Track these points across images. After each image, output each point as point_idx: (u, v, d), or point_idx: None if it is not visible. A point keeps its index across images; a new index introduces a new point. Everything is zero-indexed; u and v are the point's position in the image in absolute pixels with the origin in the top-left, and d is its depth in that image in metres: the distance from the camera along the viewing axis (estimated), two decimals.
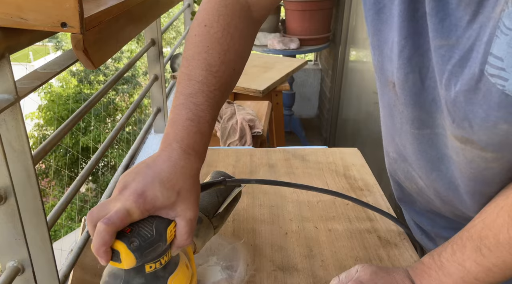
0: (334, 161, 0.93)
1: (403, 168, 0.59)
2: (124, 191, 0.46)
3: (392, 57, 0.48)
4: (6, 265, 0.69)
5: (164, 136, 0.53)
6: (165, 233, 0.46)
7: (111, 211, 0.44)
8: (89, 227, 0.46)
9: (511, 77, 0.34)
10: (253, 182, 0.69)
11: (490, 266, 0.43)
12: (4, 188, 0.65)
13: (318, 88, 3.56)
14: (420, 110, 0.48)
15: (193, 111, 0.53)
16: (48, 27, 0.57)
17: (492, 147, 0.41)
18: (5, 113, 0.63)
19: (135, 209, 0.45)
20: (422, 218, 0.66)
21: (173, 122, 0.53)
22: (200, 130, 0.53)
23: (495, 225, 0.43)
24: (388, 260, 0.65)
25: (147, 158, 0.50)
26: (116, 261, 0.44)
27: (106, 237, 0.43)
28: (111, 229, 0.43)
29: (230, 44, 0.57)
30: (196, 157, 0.52)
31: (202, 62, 0.56)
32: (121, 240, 0.44)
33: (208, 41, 0.56)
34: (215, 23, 0.57)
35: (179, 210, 0.48)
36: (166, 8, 1.35)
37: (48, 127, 8.46)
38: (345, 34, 2.68)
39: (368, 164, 0.93)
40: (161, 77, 1.79)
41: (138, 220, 0.46)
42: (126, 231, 0.45)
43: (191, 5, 2.85)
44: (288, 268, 0.63)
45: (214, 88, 0.55)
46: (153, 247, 0.45)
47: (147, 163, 0.49)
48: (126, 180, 0.47)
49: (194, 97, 0.54)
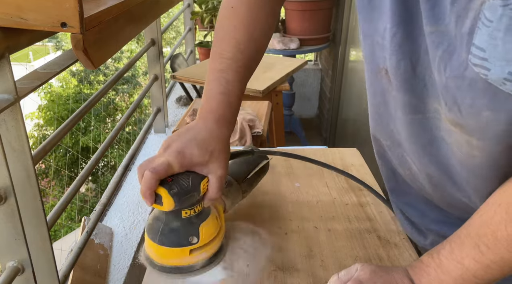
0: (333, 161, 0.93)
1: (397, 154, 0.60)
2: (167, 149, 0.55)
3: (384, 44, 0.49)
4: (6, 265, 0.69)
5: (200, 107, 0.62)
6: (199, 186, 0.56)
7: (155, 164, 0.53)
8: (139, 176, 0.55)
9: (493, 67, 0.35)
10: (278, 154, 0.77)
11: (489, 263, 0.44)
12: (4, 188, 0.65)
13: (318, 88, 3.56)
14: (412, 95, 0.49)
15: (224, 86, 0.61)
16: (48, 27, 0.57)
17: (477, 135, 0.42)
18: (5, 113, 0.63)
19: (175, 163, 0.54)
20: (413, 210, 0.66)
21: (206, 96, 0.62)
22: (230, 103, 0.61)
23: (492, 222, 0.43)
24: (388, 260, 0.65)
25: (187, 125, 0.60)
26: (158, 204, 0.54)
27: (151, 182, 0.52)
28: (156, 177, 0.52)
29: (255, 23, 0.63)
30: (226, 125, 0.61)
31: (230, 41, 0.63)
32: (163, 186, 0.53)
33: (235, 21, 0.63)
34: (240, 4, 0.64)
35: (211, 167, 0.57)
36: (166, 8, 1.35)
37: (48, 127, 8.46)
38: (345, 34, 2.68)
39: (367, 164, 0.93)
40: (161, 77, 1.79)
41: (178, 173, 0.55)
42: (167, 180, 0.54)
43: (191, 5, 2.85)
44: (288, 268, 0.63)
45: (242, 64, 0.62)
46: (188, 195, 0.54)
47: (187, 128, 0.59)
48: (169, 142, 0.57)
49: (225, 73, 0.62)
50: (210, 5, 2.91)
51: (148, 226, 0.60)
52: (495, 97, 0.37)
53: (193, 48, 2.94)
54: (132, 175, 1.58)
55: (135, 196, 1.45)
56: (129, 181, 1.54)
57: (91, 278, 1.05)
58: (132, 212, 1.37)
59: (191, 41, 2.94)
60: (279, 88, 1.96)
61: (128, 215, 1.35)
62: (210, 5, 2.91)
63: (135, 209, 1.38)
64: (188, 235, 0.58)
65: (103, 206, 1.17)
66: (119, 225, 1.30)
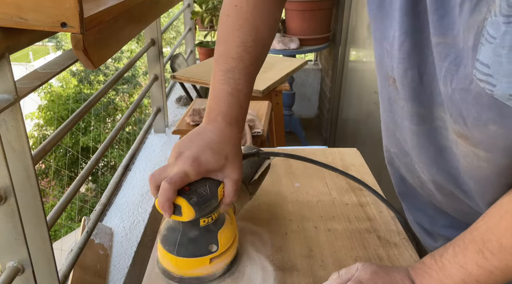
0: (333, 161, 0.93)
1: (405, 162, 0.60)
2: (180, 157, 0.54)
3: (392, 52, 0.49)
4: (6, 265, 0.69)
5: (207, 109, 0.60)
6: (216, 192, 0.54)
7: (171, 173, 0.52)
8: (152, 187, 0.53)
9: (498, 83, 0.34)
10: (282, 155, 0.77)
11: (493, 269, 0.43)
12: (4, 188, 0.65)
13: (318, 88, 3.56)
14: (420, 105, 0.49)
15: (232, 86, 0.60)
16: (48, 27, 0.57)
17: (483, 146, 0.42)
18: (5, 113, 0.63)
19: (191, 171, 0.52)
20: (423, 215, 0.66)
21: (215, 97, 0.60)
22: (239, 103, 0.60)
23: (498, 229, 0.42)
24: (388, 259, 0.65)
25: (195, 128, 0.58)
26: (178, 215, 0.52)
27: (169, 193, 0.50)
28: (173, 187, 0.51)
29: (259, 21, 0.62)
30: (237, 127, 0.60)
31: (236, 40, 0.61)
32: (182, 196, 0.52)
33: (240, 20, 0.62)
34: (245, 2, 0.62)
35: (227, 172, 0.56)
36: (166, 8, 1.35)
37: (48, 127, 8.45)
38: (345, 34, 2.68)
39: (368, 164, 0.93)
40: (161, 77, 1.79)
41: (194, 181, 0.54)
42: (185, 189, 0.53)
43: (191, 5, 2.85)
44: (288, 268, 0.63)
45: (248, 63, 0.61)
46: (208, 203, 0.53)
47: (197, 132, 0.57)
48: (180, 148, 0.55)
49: (231, 73, 0.60)
50: (210, 5, 2.91)
51: (163, 238, 0.58)
52: (502, 112, 0.36)
53: (193, 48, 2.94)
54: (132, 175, 1.58)
55: (135, 196, 1.45)
56: (129, 181, 1.54)
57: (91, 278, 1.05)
58: (132, 212, 1.37)
59: (191, 41, 2.94)
60: (279, 88, 1.96)
61: (128, 215, 1.35)
62: (210, 5, 2.91)
63: (135, 209, 1.38)
64: (208, 243, 0.57)
65: (103, 206, 1.17)
66: (119, 225, 1.30)
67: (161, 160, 1.70)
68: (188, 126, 1.58)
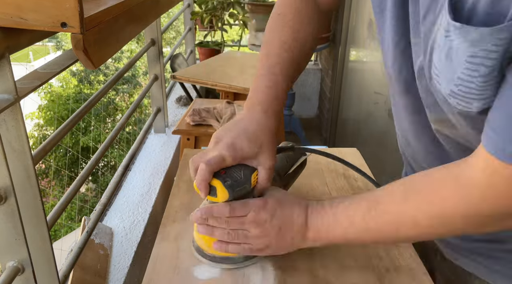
0: (333, 161, 0.93)
1: (409, 151, 0.66)
2: (218, 143, 0.58)
3: (388, 52, 0.56)
4: (6, 265, 0.69)
5: (248, 100, 0.65)
6: (250, 178, 0.58)
7: (209, 157, 0.56)
8: (191, 169, 0.58)
9: (443, 82, 0.42)
10: (317, 152, 0.80)
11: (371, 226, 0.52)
12: (4, 188, 0.65)
13: (318, 88, 3.56)
14: (413, 97, 0.54)
15: (272, 80, 0.64)
16: (48, 27, 0.57)
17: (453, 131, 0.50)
18: (5, 113, 0.63)
19: (227, 156, 0.57)
20: None
21: (254, 89, 0.65)
22: (277, 95, 0.64)
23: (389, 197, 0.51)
24: (388, 259, 0.65)
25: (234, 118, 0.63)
26: (213, 196, 0.57)
27: (206, 174, 0.55)
28: (210, 169, 0.55)
29: (300, 27, 0.68)
30: (274, 117, 0.63)
31: (277, 40, 0.67)
32: (218, 178, 0.56)
33: (282, 25, 0.69)
34: (288, 12, 0.69)
35: (261, 159, 0.60)
36: (166, 8, 1.35)
37: (48, 127, 8.46)
38: (345, 34, 2.68)
39: (368, 164, 0.93)
40: (161, 77, 1.79)
41: (230, 166, 0.58)
42: (221, 173, 0.57)
43: (191, 5, 2.85)
44: (288, 268, 0.63)
45: (288, 61, 0.66)
46: (241, 187, 0.57)
47: (235, 122, 0.61)
48: (219, 136, 0.59)
49: (272, 68, 0.65)
50: (210, 5, 2.91)
51: None
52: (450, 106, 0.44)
53: (193, 48, 2.94)
54: (132, 175, 1.58)
55: (135, 196, 1.45)
56: (129, 181, 1.54)
57: (91, 278, 1.05)
58: (132, 212, 1.37)
59: (191, 41, 2.94)
60: None
61: (128, 215, 1.35)
62: (210, 5, 2.91)
63: (135, 209, 1.38)
64: None
65: (103, 206, 1.17)
66: (119, 225, 1.30)
67: (161, 160, 1.70)
68: (188, 126, 1.57)
